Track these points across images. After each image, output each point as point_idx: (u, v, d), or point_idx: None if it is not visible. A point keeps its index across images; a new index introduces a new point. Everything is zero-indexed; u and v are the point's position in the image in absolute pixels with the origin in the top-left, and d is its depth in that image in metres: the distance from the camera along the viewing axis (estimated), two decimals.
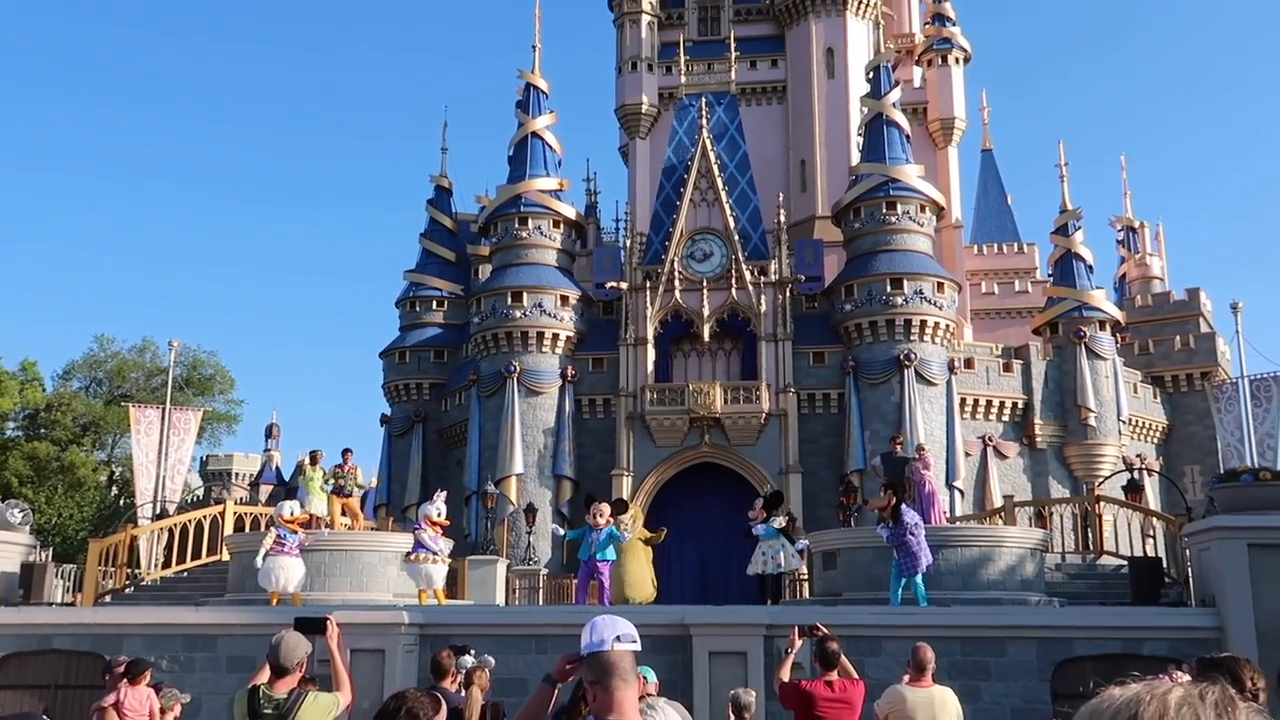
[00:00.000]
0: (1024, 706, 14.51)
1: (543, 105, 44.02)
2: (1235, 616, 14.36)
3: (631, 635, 3.56)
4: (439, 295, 46.34)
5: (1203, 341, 44.95)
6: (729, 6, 50.21)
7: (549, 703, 4.55)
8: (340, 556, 18.69)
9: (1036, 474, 40.35)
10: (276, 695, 6.13)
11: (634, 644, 3.55)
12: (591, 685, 3.53)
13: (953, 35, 50.14)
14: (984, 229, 55.38)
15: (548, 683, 4.43)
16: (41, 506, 42.69)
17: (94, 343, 56.05)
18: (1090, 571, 21.90)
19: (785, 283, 39.97)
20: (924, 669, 8.97)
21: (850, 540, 20.13)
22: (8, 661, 16.28)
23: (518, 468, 38.75)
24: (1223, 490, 15.91)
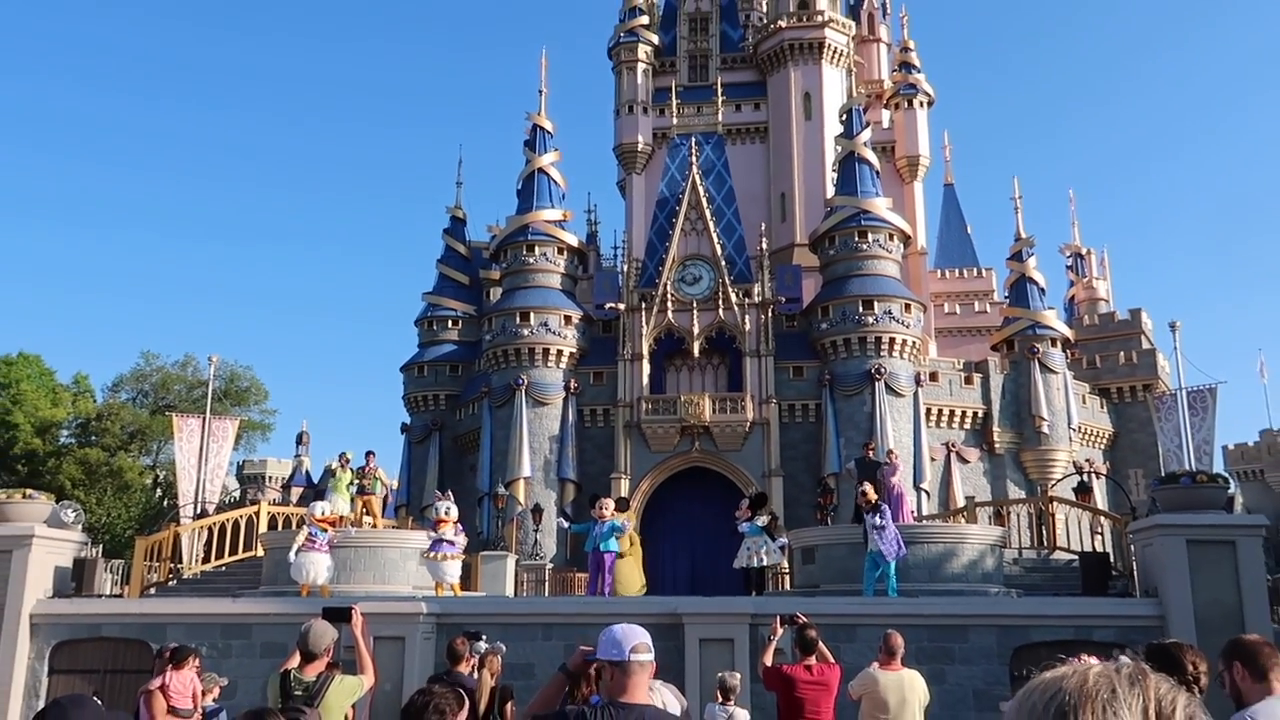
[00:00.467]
0: (984, 688, 14.47)
1: (548, 144, 44.13)
2: (1176, 605, 14.35)
3: (647, 645, 3.67)
4: (454, 315, 46.34)
5: (1144, 357, 45.03)
6: (716, 55, 50.36)
7: (563, 690, 4.59)
8: (365, 552, 18.64)
9: (995, 477, 40.36)
10: (306, 678, 6.12)
11: (649, 654, 3.67)
12: (610, 675, 3.65)
13: (918, 82, 50.34)
14: (946, 255, 55.44)
15: (563, 673, 4.49)
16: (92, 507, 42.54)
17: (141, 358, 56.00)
18: (1044, 565, 21.87)
19: (767, 304, 40.02)
20: (894, 654, 8.96)
21: (827, 537, 20.12)
22: (62, 648, 16.21)
23: (526, 471, 38.70)
24: (1164, 491, 15.92)
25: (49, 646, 16.15)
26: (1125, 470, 41.97)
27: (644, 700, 3.63)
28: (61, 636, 16.22)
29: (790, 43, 48.32)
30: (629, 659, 3.60)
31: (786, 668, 8.60)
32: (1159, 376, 43.94)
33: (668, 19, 51.75)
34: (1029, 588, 19.37)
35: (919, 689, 8.92)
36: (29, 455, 46.84)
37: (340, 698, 6.13)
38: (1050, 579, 20.56)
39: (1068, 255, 56.81)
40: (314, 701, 5.91)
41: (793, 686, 8.39)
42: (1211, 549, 14.54)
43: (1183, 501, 15.18)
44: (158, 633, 15.23)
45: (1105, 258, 58.36)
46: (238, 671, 14.42)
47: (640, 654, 3.63)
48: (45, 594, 16.44)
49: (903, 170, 49.37)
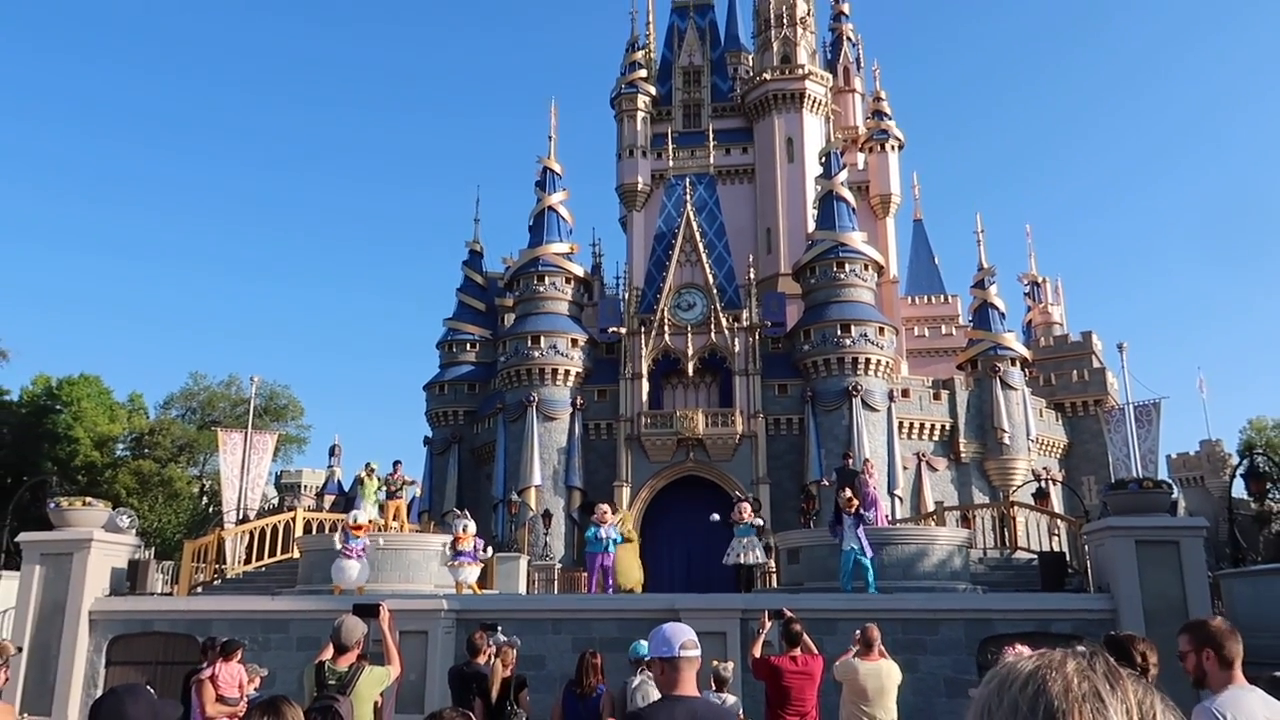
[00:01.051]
0: (954, 676, 14.39)
1: (557, 184, 44.23)
2: (1126, 600, 14.29)
3: (694, 642, 3.66)
4: (472, 339, 46.33)
5: (1095, 375, 45.01)
6: (708, 105, 50.60)
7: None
8: (391, 554, 18.57)
9: (962, 484, 40.24)
10: (339, 669, 6.09)
11: (695, 651, 3.65)
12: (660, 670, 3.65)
13: (889, 128, 50.55)
14: (916, 284, 55.55)
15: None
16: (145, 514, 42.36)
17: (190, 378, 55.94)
18: (1007, 564, 21.76)
19: (755, 328, 40.03)
20: (871, 645, 8.92)
21: (810, 539, 20.00)
22: (117, 642, 16.14)
23: (536, 480, 38.60)
24: (1114, 496, 15.86)
25: (106, 640, 16.08)
26: (1079, 477, 41.87)
27: (693, 693, 3.62)
28: (117, 631, 16.14)
29: (774, 93, 48.56)
30: (678, 655, 3.59)
31: (774, 659, 8.56)
32: (1108, 392, 43.92)
33: (664, 72, 52.03)
34: (993, 585, 19.26)
35: (895, 677, 8.87)
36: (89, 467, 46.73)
37: (370, 687, 6.11)
38: (1012, 576, 20.46)
39: (1025, 283, 56.91)
40: (346, 690, 5.89)
41: (780, 676, 8.35)
42: (1158, 549, 14.49)
43: (1131, 505, 15.12)
44: (204, 628, 15.15)
45: (1059, 286, 58.50)
46: (276, 663, 14.32)
47: (688, 650, 3.61)
48: (103, 592, 16.38)
49: (876, 207, 49.51)
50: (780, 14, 50.05)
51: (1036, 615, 15.08)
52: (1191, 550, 14.47)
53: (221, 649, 9.93)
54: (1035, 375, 44.70)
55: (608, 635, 14.63)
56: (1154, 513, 15.03)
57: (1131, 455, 31.09)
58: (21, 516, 26.17)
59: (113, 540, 16.73)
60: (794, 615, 8.80)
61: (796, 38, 49.58)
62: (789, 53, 49.42)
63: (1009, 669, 1.30)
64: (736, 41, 54.61)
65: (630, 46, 51.47)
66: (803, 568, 19.11)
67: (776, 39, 49.67)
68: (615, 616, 15.47)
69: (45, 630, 15.76)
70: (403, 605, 13.85)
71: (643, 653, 8.52)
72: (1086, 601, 15.37)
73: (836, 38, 56.28)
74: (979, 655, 14.62)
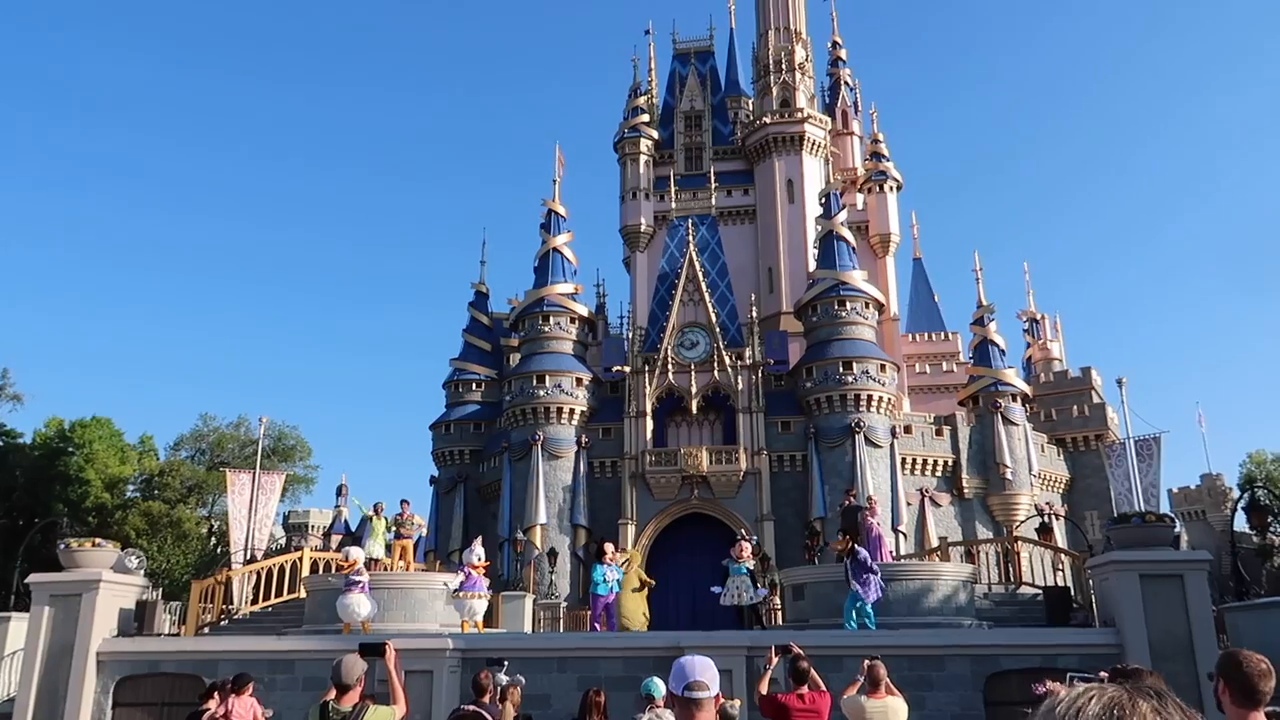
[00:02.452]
0: (961, 713, 14.19)
1: (561, 226, 44.48)
2: (1131, 634, 14.12)
3: (704, 684, 3.48)
4: (478, 378, 46.31)
5: (1095, 410, 44.85)
6: (709, 148, 51.04)
7: None
8: (397, 593, 18.43)
9: (965, 519, 39.96)
10: (343, 708, 6.01)
11: (704, 693, 3.47)
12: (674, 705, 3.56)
13: (888, 169, 50.91)
14: (916, 321, 55.58)
15: None
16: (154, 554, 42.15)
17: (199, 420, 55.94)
18: (1012, 599, 21.55)
19: (757, 366, 40.02)
20: (878, 683, 8.80)
21: (815, 576, 19.86)
22: (125, 683, 15.98)
23: (542, 518, 38.38)
24: (1117, 530, 15.75)
25: (113, 681, 15.93)
26: (1081, 512, 41.56)
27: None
28: (124, 672, 16.00)
29: (774, 136, 48.99)
30: (684, 694, 3.46)
31: (782, 696, 8.42)
32: (1109, 427, 43.74)
33: (666, 117, 52.57)
34: (998, 620, 19.08)
35: (901, 714, 8.74)
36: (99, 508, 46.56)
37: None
38: (1017, 612, 20.26)
39: (1025, 320, 56.93)
40: None
41: (788, 714, 8.21)
42: (1162, 583, 14.35)
43: (1134, 539, 15.01)
44: (211, 668, 15.01)
45: (1058, 322, 58.54)
46: (282, 703, 14.17)
47: (694, 691, 3.45)
48: (111, 633, 16.25)
49: (876, 246, 49.69)
50: (779, 60, 50.65)
51: (1042, 650, 14.90)
52: (1196, 584, 14.33)
53: (234, 683, 9.87)
54: (1036, 411, 44.55)
55: (613, 674, 14.46)
56: (1157, 546, 14.92)
57: (1133, 489, 30.87)
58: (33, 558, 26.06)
59: (121, 581, 16.64)
60: (801, 651, 8.69)
61: (795, 82, 50.12)
62: (788, 97, 49.93)
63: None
64: (736, 87, 55.23)
65: (633, 92, 52.07)
66: (808, 604, 18.93)
67: (776, 84, 50.22)
68: (621, 655, 15.31)
69: (53, 671, 15.62)
70: (408, 644, 13.71)
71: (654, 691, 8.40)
72: (1092, 636, 15.20)
73: (834, 82, 56.89)
74: (985, 691, 14.42)
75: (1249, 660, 3.75)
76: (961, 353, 51.02)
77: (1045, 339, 56.38)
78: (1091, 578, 16.99)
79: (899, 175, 51.19)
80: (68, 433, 50.24)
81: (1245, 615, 16.30)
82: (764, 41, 51.82)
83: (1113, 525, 16.35)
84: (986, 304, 44.23)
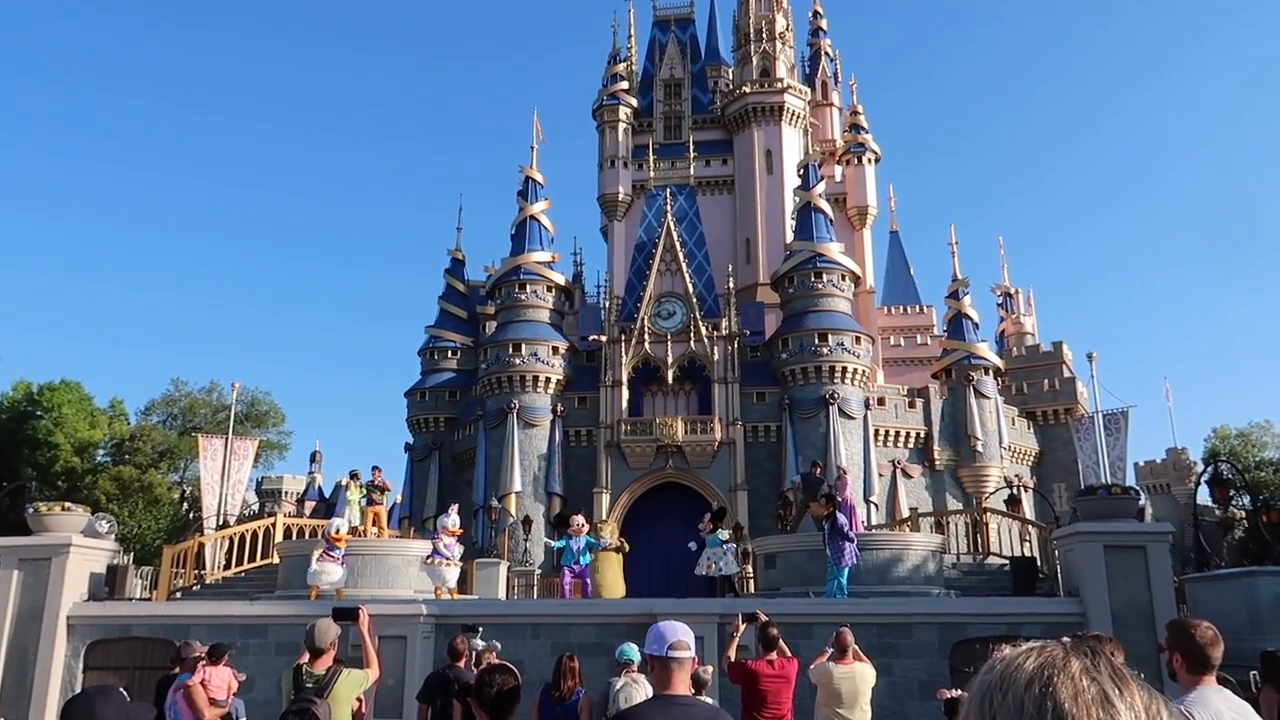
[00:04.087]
0: (928, 679, 14.44)
1: (539, 194, 44.18)
2: (1095, 603, 14.40)
3: (686, 644, 3.58)
4: (453, 346, 46.14)
5: (1065, 384, 45.36)
6: (688, 117, 50.69)
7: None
8: (371, 560, 18.45)
9: (936, 490, 40.45)
10: (316, 672, 6.05)
11: (687, 652, 3.57)
12: (653, 668, 3.61)
13: (866, 141, 50.85)
14: (892, 294, 55.79)
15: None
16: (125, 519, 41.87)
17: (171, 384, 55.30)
18: (979, 569, 21.90)
19: (734, 336, 40.11)
20: (846, 649, 8.94)
21: (787, 545, 20.08)
22: (95, 647, 15.94)
23: (517, 486, 38.46)
24: (1083, 502, 15.99)
25: (84, 645, 15.88)
26: (1050, 484, 42.15)
27: (685, 692, 3.56)
28: (95, 636, 15.95)
29: (753, 106, 48.76)
30: (667, 654, 3.54)
31: (751, 663, 8.54)
32: (1078, 401, 44.28)
33: (645, 85, 52.11)
34: (966, 589, 19.38)
35: (869, 679, 8.89)
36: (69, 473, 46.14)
37: (348, 689, 6.06)
38: (985, 581, 20.58)
39: (998, 294, 57.30)
40: (324, 693, 5.84)
41: (756, 680, 8.33)
42: (1125, 553, 14.62)
43: (1100, 511, 15.25)
44: (182, 632, 14.98)
45: (1031, 296, 58.92)
46: (255, 668, 14.20)
47: (678, 651, 3.55)
48: (81, 597, 16.17)
49: (853, 219, 49.74)
50: (760, 29, 50.30)
51: (1008, 619, 15.17)
52: (1158, 555, 14.61)
53: (210, 653, 9.90)
54: (1008, 384, 45.00)
55: (586, 640, 14.59)
56: (1122, 518, 15.17)
57: (1101, 463, 31.34)
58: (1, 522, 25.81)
59: (91, 545, 16.52)
60: (770, 619, 8.80)
61: (776, 52, 49.82)
62: (768, 67, 49.66)
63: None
64: (717, 55, 54.83)
65: (612, 59, 51.54)
66: (780, 573, 19.14)
67: (756, 53, 49.90)
68: (594, 621, 15.44)
69: (23, 635, 15.54)
70: (382, 610, 13.75)
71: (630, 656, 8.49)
72: (1056, 605, 15.48)
73: (815, 53, 56.59)
74: (952, 658, 14.69)
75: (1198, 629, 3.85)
76: (936, 326, 51.35)
77: (1019, 313, 56.81)
78: (1057, 548, 17.28)
79: (877, 148, 51.17)
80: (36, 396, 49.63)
81: (1206, 586, 16.66)
82: (745, 9, 51.38)
83: (1079, 497, 16.60)
84: (961, 278, 44.50)
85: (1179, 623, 4.04)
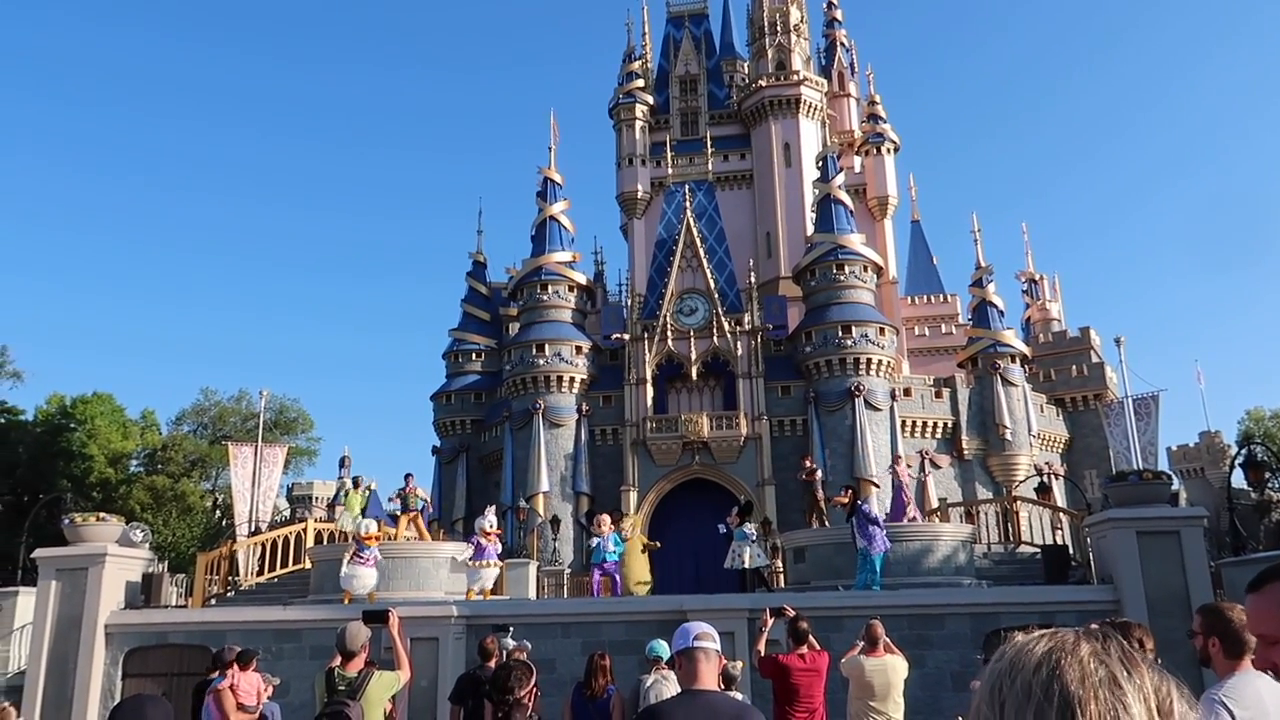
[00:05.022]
0: (960, 670, 14.36)
1: (558, 194, 44.24)
2: (1129, 590, 14.26)
3: (711, 636, 3.72)
4: (477, 348, 46.27)
5: (1094, 369, 44.88)
6: (705, 112, 50.60)
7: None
8: (402, 563, 18.55)
9: (965, 480, 40.13)
10: (348, 674, 6.10)
11: (712, 643, 3.70)
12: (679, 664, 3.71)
13: (885, 131, 50.51)
14: (915, 284, 55.47)
15: None
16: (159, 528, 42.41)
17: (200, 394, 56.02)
18: (1011, 558, 21.73)
19: (757, 331, 40.00)
20: (876, 642, 8.90)
21: (815, 539, 20.03)
22: (133, 654, 16.16)
23: (544, 486, 38.56)
24: (1115, 488, 15.84)
25: (122, 653, 16.11)
26: (1080, 471, 41.74)
27: (712, 687, 3.63)
28: (132, 644, 16.17)
29: (770, 99, 48.58)
30: (692, 645, 3.63)
31: (782, 657, 8.52)
32: (1107, 386, 43.80)
33: (661, 81, 52.07)
34: (998, 579, 19.22)
35: (901, 671, 8.85)
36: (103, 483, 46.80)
37: (380, 691, 6.11)
38: (1016, 570, 20.42)
39: (1023, 281, 56.73)
40: (356, 695, 5.89)
41: (788, 674, 8.31)
42: (1158, 539, 14.47)
43: (1132, 497, 15.10)
44: (218, 639, 15.14)
45: (1057, 282, 58.28)
46: (289, 672, 14.33)
47: (703, 641, 3.65)
48: (118, 606, 16.40)
49: (874, 209, 49.45)
50: (774, 22, 50.09)
51: (1040, 608, 15.05)
52: (1192, 540, 14.44)
53: (238, 658, 9.99)
54: (1035, 371, 44.57)
55: (616, 638, 14.62)
56: (1154, 504, 15.02)
57: (1132, 448, 30.96)
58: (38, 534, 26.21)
59: (127, 554, 16.76)
60: (797, 612, 8.77)
61: (791, 44, 49.61)
62: (784, 59, 49.44)
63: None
64: (731, 50, 54.68)
65: (627, 57, 51.55)
66: (809, 566, 19.09)
67: (771, 46, 49.70)
68: (624, 619, 15.46)
69: (62, 644, 15.79)
70: (413, 612, 13.85)
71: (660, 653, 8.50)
72: (1090, 593, 15.34)
73: (830, 44, 56.33)
74: (985, 649, 14.58)
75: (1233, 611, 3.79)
76: (960, 314, 50.93)
77: (1044, 299, 56.23)
78: (1089, 535, 17.12)
79: (896, 137, 50.83)
80: (69, 409, 50.37)
81: (1242, 570, 16.39)
82: (758, 3, 51.18)
83: (1110, 483, 16.44)
84: (985, 265, 44.09)
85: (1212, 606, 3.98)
